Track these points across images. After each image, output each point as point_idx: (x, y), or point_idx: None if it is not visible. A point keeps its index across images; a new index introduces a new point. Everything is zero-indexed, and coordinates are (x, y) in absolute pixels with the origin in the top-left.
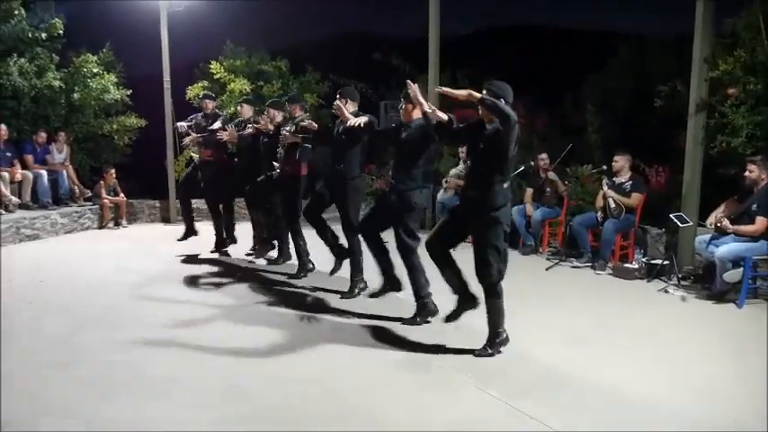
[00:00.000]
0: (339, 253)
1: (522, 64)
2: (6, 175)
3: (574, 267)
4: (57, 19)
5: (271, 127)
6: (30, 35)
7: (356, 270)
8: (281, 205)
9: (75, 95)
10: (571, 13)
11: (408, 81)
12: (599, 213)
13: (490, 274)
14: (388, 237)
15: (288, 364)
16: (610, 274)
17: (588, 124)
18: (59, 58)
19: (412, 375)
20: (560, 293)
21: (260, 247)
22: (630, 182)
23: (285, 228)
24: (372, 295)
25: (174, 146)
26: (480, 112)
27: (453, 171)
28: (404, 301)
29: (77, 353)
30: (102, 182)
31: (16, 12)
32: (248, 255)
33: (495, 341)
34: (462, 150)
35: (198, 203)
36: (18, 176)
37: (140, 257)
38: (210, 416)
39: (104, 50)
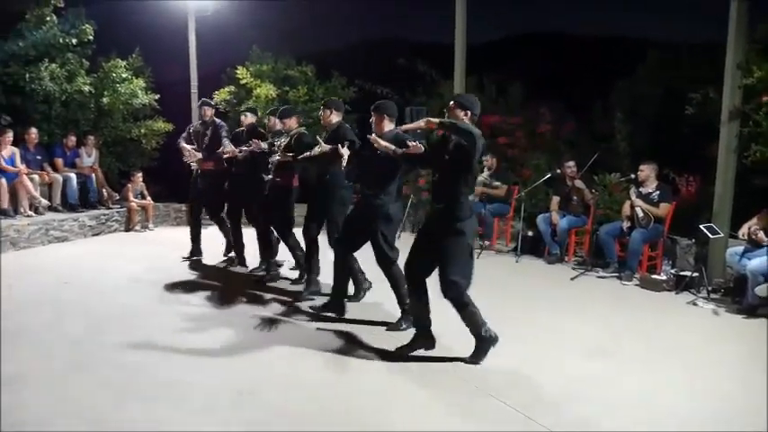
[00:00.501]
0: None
1: (551, 70)
2: (37, 177)
3: (600, 277)
4: (87, 25)
5: (264, 146)
6: (61, 41)
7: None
8: (273, 218)
9: (105, 100)
10: (601, 19)
11: (372, 136)
12: (625, 223)
13: (453, 288)
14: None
15: (298, 368)
16: (637, 285)
17: (617, 131)
18: (89, 63)
19: (423, 382)
20: (584, 304)
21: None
22: (658, 191)
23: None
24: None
25: None
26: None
27: (479, 179)
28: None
29: (94, 354)
30: (129, 185)
31: (48, 18)
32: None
33: (482, 345)
34: (486, 158)
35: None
36: (48, 179)
37: (164, 261)
38: (220, 419)
39: (133, 56)
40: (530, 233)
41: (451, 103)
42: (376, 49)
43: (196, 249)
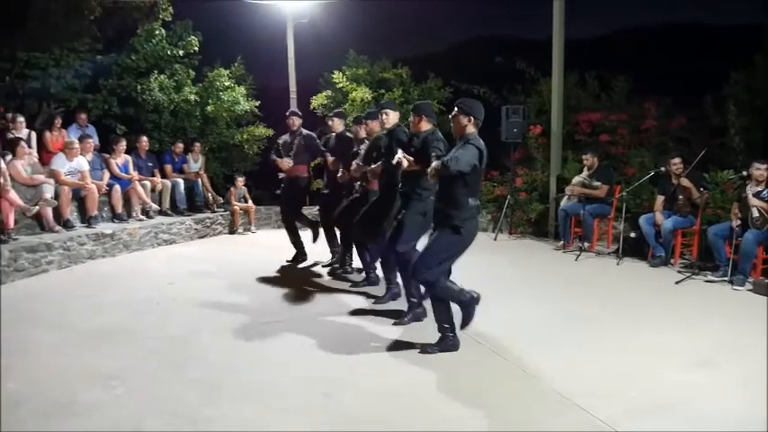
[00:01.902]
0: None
1: (659, 63)
2: (148, 183)
3: (708, 282)
4: (193, 37)
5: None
6: (169, 53)
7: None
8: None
9: (209, 108)
10: (712, 7)
11: (399, 154)
12: (734, 222)
13: (419, 274)
14: None
15: (383, 374)
16: (749, 290)
17: (730, 126)
18: (195, 73)
19: (512, 391)
20: (689, 310)
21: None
22: None
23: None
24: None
25: None
26: (452, 125)
27: (576, 179)
28: (505, 317)
29: (191, 353)
30: (232, 189)
31: (157, 32)
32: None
33: (445, 340)
34: (586, 157)
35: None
36: (158, 185)
37: (263, 262)
38: (301, 422)
39: (235, 64)
40: (632, 234)
41: (455, 109)
42: (473, 49)
43: (300, 254)
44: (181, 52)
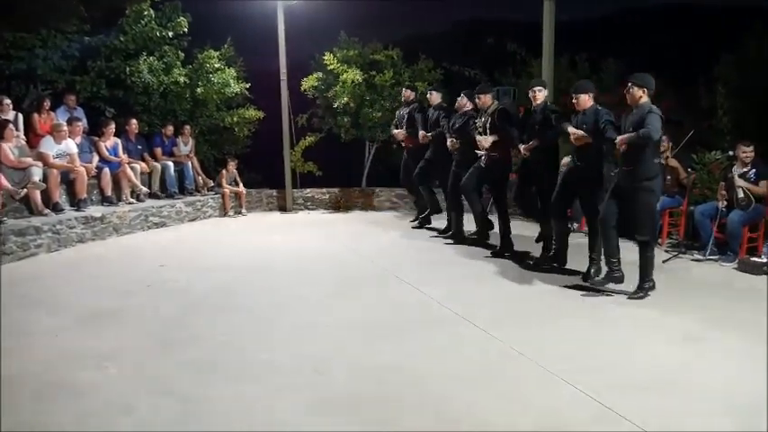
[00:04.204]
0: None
1: (652, 45)
2: (138, 166)
3: (694, 260)
4: (182, 18)
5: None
6: (158, 34)
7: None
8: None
9: (199, 90)
10: None
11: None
12: (720, 203)
13: (642, 233)
14: None
15: (378, 351)
16: (735, 268)
17: (719, 107)
18: (184, 54)
19: (503, 367)
20: (676, 288)
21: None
22: (754, 170)
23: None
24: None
25: (291, 137)
26: (627, 98)
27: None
28: (495, 295)
29: (184, 334)
30: (223, 172)
31: (146, 12)
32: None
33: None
34: None
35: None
36: (148, 168)
37: (255, 244)
38: (293, 399)
39: (225, 46)
40: None
41: (629, 84)
42: (465, 31)
43: (422, 218)
44: (170, 33)
